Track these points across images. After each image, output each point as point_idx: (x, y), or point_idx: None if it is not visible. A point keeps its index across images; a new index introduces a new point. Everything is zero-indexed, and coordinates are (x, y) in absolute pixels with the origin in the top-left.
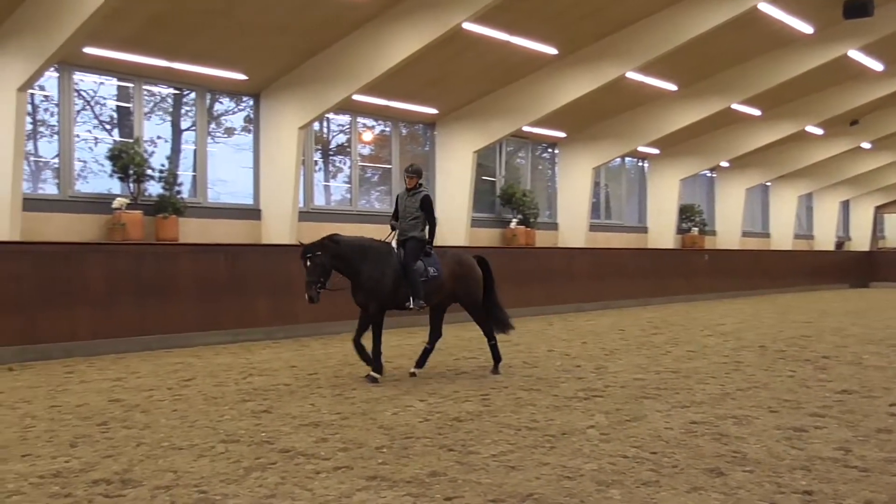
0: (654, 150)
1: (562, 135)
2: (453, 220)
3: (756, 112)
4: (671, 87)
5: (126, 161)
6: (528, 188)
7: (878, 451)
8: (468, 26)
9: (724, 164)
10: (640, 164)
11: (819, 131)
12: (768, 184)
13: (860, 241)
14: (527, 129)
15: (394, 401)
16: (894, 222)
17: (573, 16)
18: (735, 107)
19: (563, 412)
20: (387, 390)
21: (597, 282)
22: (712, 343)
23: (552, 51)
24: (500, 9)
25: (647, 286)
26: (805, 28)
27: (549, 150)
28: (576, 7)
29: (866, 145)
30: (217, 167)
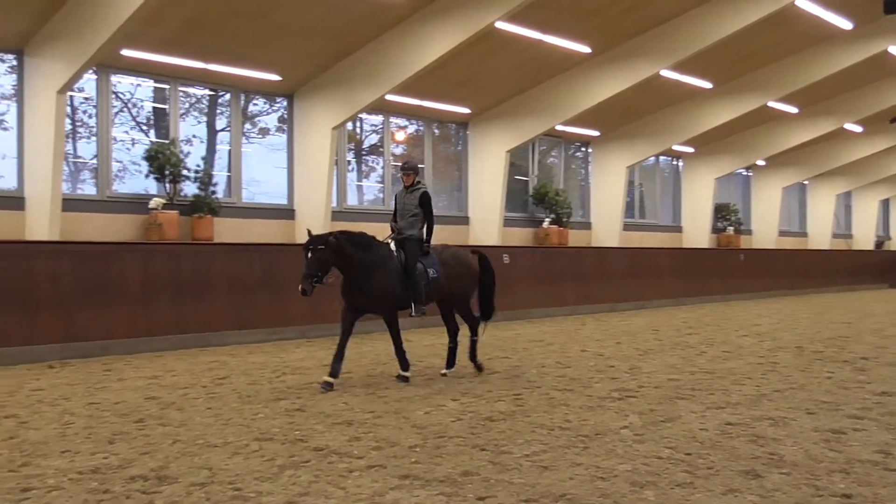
0: (689, 149)
1: (595, 133)
2: (486, 219)
3: (793, 110)
4: (706, 84)
5: (162, 162)
6: (561, 187)
7: None
8: (501, 25)
9: (760, 162)
10: (675, 162)
11: (858, 129)
12: (805, 182)
13: None
14: (560, 127)
15: (426, 400)
16: None
17: (607, 14)
18: (771, 104)
19: (596, 412)
20: (419, 389)
21: (630, 281)
22: (748, 343)
23: (585, 49)
24: (533, 7)
25: (682, 286)
26: (844, 24)
27: (583, 148)
28: (610, 5)
29: None
30: (251, 167)
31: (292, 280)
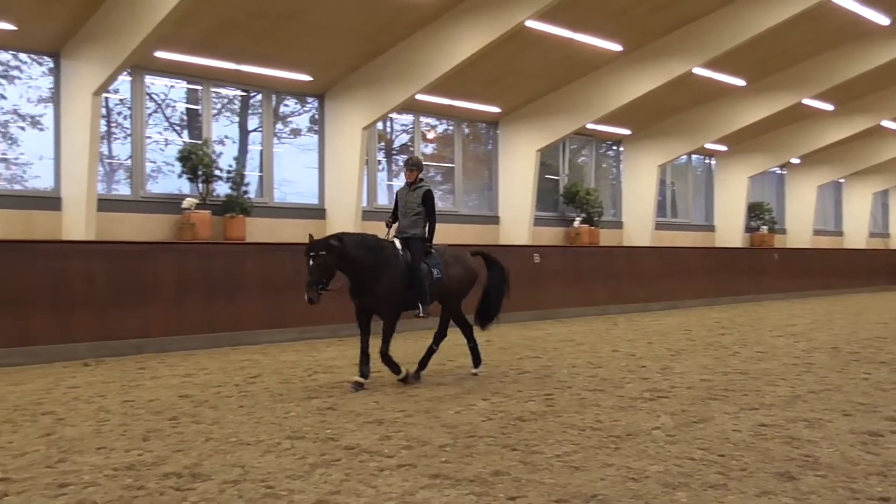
0: (722, 147)
1: (627, 132)
2: (516, 219)
3: (828, 107)
4: (740, 82)
5: (195, 162)
6: (592, 186)
7: None
8: (531, 24)
9: (795, 160)
10: (707, 161)
11: (895, 126)
12: (841, 181)
13: None
14: (591, 126)
15: (457, 399)
16: None
17: (638, 11)
18: (806, 102)
19: (628, 413)
20: (449, 389)
21: (662, 281)
22: (782, 344)
23: (617, 47)
24: (564, 6)
25: (715, 286)
26: (881, 20)
27: (614, 147)
28: (641, 3)
29: None
30: (283, 167)
31: None
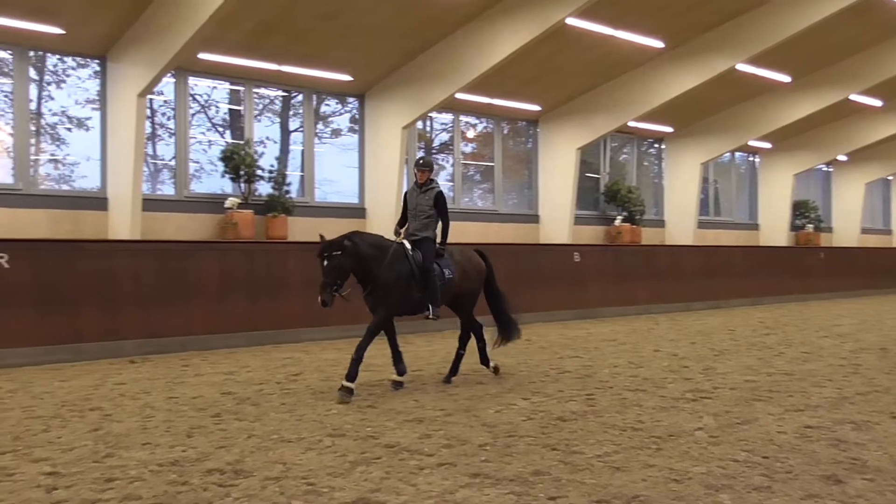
0: (766, 145)
1: (669, 129)
2: (556, 218)
3: (877, 103)
4: (785, 78)
5: (237, 162)
6: (634, 184)
7: None
8: (571, 21)
9: (842, 157)
10: (751, 158)
11: None
12: (890, 178)
13: None
14: (632, 124)
15: (497, 398)
16: None
17: (680, 7)
18: (854, 98)
19: (670, 413)
20: (490, 388)
21: (705, 280)
22: (828, 345)
23: (658, 44)
24: (604, 3)
25: (759, 285)
26: None
27: (656, 145)
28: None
29: None
30: (324, 167)
31: None
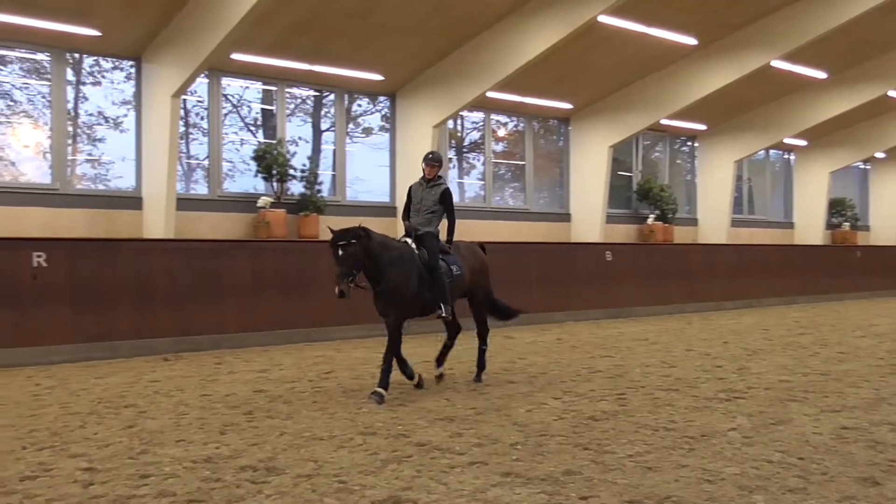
0: (802, 142)
1: (702, 127)
2: (588, 216)
3: None
4: (820, 74)
5: (270, 161)
6: (666, 183)
7: None
8: (603, 19)
9: (880, 154)
10: (786, 156)
11: None
12: None
13: None
14: (665, 122)
15: (528, 398)
16: None
17: (714, 4)
18: (892, 94)
19: (702, 413)
20: (521, 387)
21: (739, 279)
22: (865, 345)
23: (691, 41)
24: (637, 0)
25: (794, 284)
26: None
27: (689, 143)
28: None
29: None
30: (355, 166)
31: None
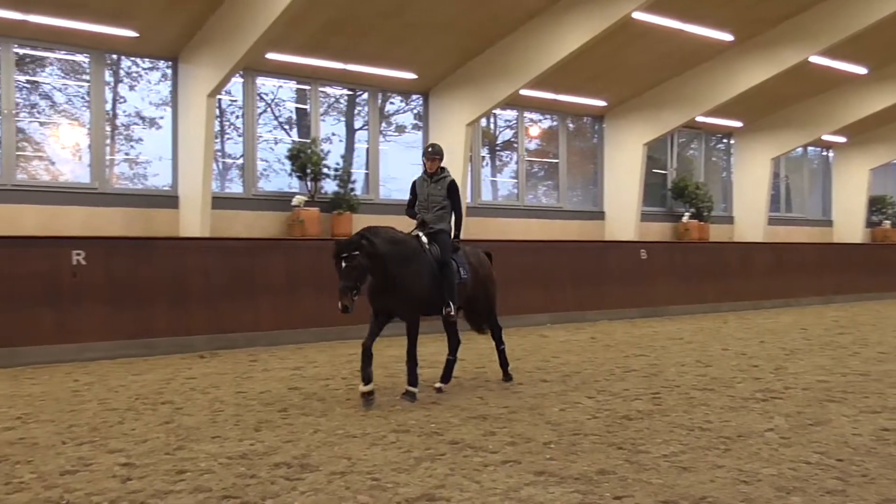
0: (841, 139)
1: (738, 124)
2: (622, 214)
3: None
4: (860, 70)
5: (304, 160)
6: (702, 180)
7: None
8: (638, 16)
9: None
10: (825, 153)
11: None
12: None
13: None
14: (700, 119)
15: (561, 397)
16: None
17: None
18: None
19: (739, 413)
20: (554, 386)
21: (776, 278)
22: None
23: (728, 37)
24: None
25: (832, 283)
26: None
27: (724, 140)
28: None
29: None
30: (388, 165)
31: None
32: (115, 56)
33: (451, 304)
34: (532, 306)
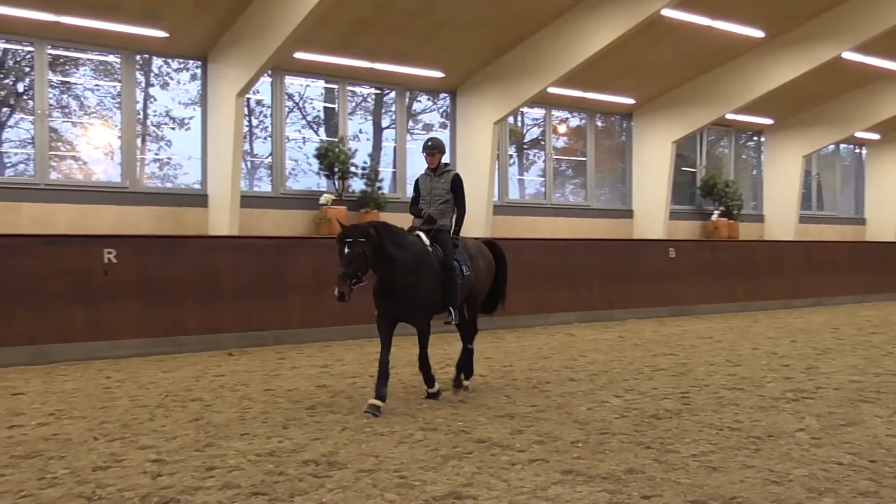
0: (874, 136)
1: (769, 122)
2: (651, 213)
3: None
4: (895, 66)
5: (332, 159)
6: (731, 178)
7: None
8: (667, 13)
9: None
10: (857, 150)
11: None
12: None
13: None
14: (730, 116)
15: (589, 396)
16: None
17: None
18: None
19: (769, 413)
20: (582, 385)
21: (807, 277)
22: None
23: (759, 33)
24: None
25: (865, 282)
26: None
27: (755, 138)
28: None
29: None
30: (415, 163)
31: None
32: (146, 56)
33: (452, 311)
34: (559, 305)
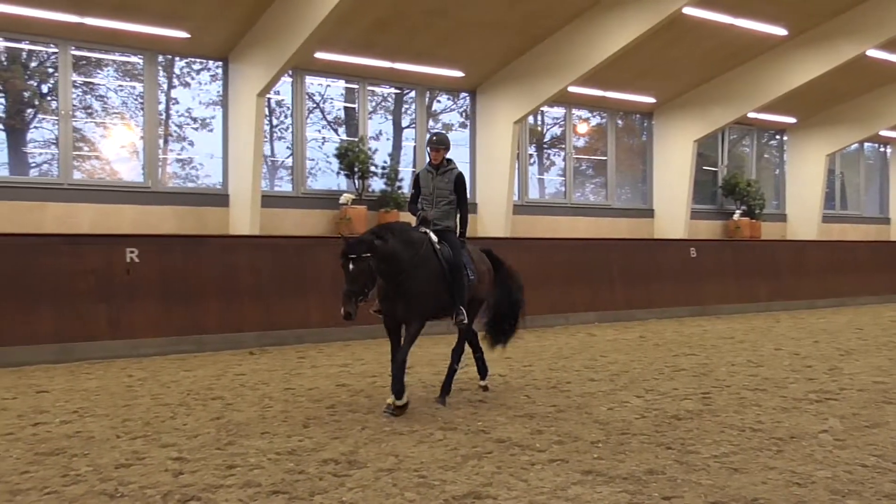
0: None
1: (791, 120)
2: (672, 212)
3: None
4: None
5: (352, 159)
6: (753, 178)
7: None
8: (689, 11)
9: None
10: (882, 149)
11: None
12: None
13: None
14: (752, 115)
15: (609, 396)
16: None
17: None
18: None
19: (791, 414)
20: (602, 385)
21: (831, 277)
22: None
23: (781, 31)
24: None
25: (889, 282)
26: None
27: (777, 136)
28: None
29: None
30: None
31: None
32: (168, 57)
33: (462, 310)
34: (580, 304)
